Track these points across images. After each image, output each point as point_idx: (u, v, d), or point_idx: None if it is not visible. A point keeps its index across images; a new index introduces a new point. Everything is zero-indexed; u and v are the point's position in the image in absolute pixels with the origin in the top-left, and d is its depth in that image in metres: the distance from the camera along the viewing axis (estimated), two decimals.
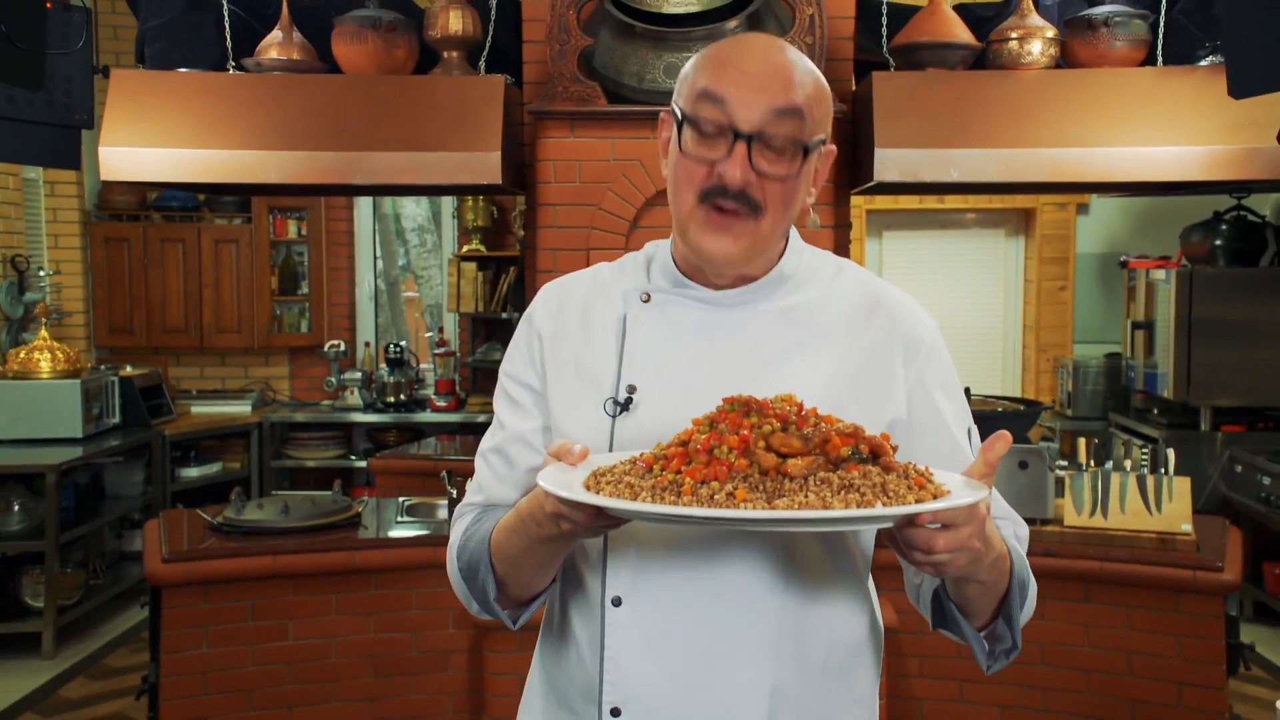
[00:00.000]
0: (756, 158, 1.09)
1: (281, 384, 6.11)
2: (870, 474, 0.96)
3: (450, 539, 1.26)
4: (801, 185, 1.14)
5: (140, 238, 5.69)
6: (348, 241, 6.17)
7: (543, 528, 1.07)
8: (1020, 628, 1.15)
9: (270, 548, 2.97)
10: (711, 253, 1.13)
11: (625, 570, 1.15)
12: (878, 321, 1.20)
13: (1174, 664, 2.82)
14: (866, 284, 1.24)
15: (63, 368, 4.72)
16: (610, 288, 1.25)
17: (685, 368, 1.16)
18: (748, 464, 0.96)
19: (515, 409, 1.25)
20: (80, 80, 2.93)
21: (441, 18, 3.13)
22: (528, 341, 1.26)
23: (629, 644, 1.14)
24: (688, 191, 1.13)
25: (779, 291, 1.20)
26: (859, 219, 5.90)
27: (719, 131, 1.10)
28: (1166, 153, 2.88)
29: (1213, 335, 4.64)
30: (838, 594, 1.19)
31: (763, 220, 1.12)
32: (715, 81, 1.10)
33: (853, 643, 1.21)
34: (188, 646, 2.94)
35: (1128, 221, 5.91)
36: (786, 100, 1.09)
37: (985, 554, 1.02)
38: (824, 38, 2.91)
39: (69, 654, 4.30)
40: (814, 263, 1.25)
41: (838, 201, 3.10)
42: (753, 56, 1.11)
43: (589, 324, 1.23)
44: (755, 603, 1.13)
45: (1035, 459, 3.06)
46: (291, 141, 2.99)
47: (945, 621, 1.18)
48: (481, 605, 1.21)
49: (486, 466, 1.27)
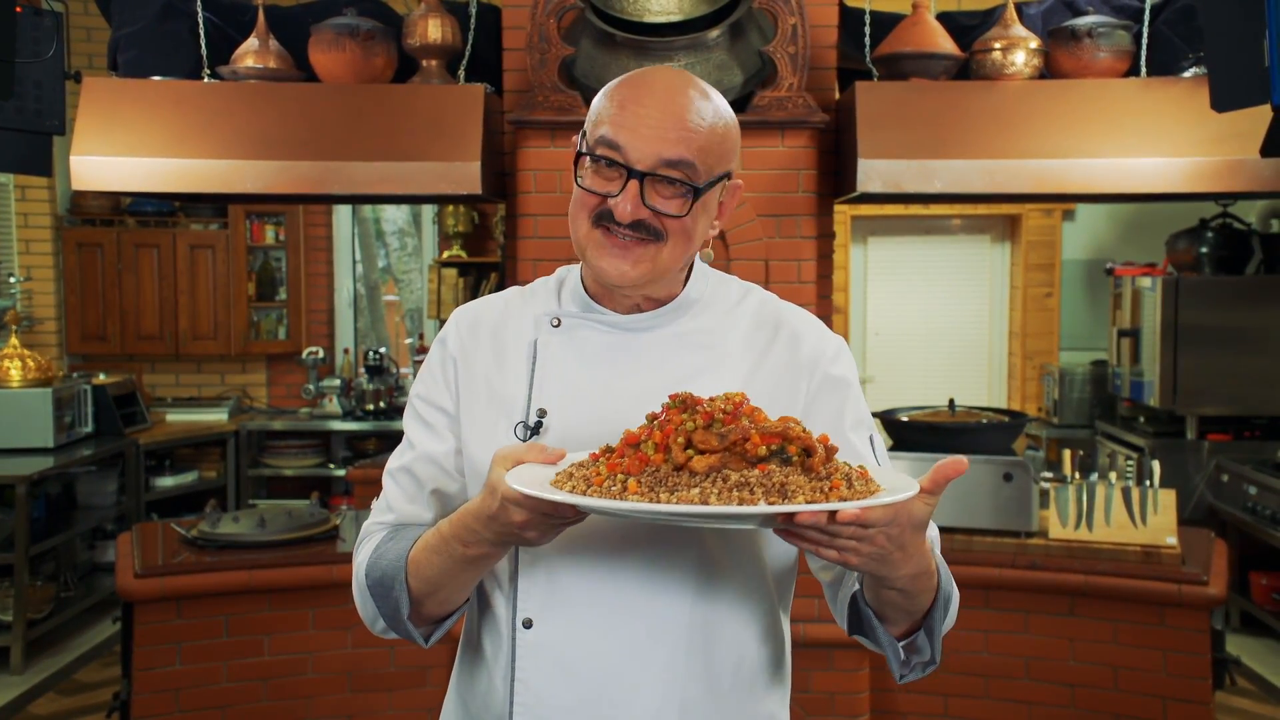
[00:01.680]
0: (649, 195, 1.14)
1: (259, 391, 6.04)
2: (774, 474, 0.96)
3: (357, 556, 1.28)
4: (700, 221, 1.18)
5: (114, 243, 5.61)
6: (326, 247, 6.10)
7: (469, 547, 1.10)
8: (940, 640, 1.16)
9: (246, 562, 2.92)
10: (610, 275, 1.16)
11: (535, 592, 1.17)
12: (780, 341, 1.24)
13: (1159, 678, 2.81)
14: (769, 306, 1.29)
15: (34, 376, 4.64)
16: (522, 312, 1.28)
17: (595, 391, 1.20)
18: (663, 458, 0.98)
19: (426, 430, 1.27)
20: (51, 86, 2.86)
21: (420, 26, 3.09)
22: (442, 365, 1.28)
23: (539, 666, 1.17)
24: (583, 217, 1.17)
25: (685, 315, 1.24)
26: (843, 225, 5.89)
27: (613, 166, 1.14)
28: (1150, 164, 2.87)
29: (1199, 343, 4.65)
30: (747, 611, 1.21)
31: (663, 247, 1.16)
32: (614, 126, 1.14)
33: (763, 659, 1.23)
34: (160, 663, 2.88)
35: (1114, 228, 5.92)
36: (676, 153, 1.13)
37: (900, 561, 1.03)
38: (807, 47, 2.89)
39: (38, 669, 4.22)
40: (720, 288, 1.28)
41: (820, 212, 3.07)
42: (652, 100, 1.14)
43: (501, 349, 1.26)
44: (664, 621, 1.16)
45: (1020, 471, 3.05)
46: (268, 151, 2.94)
47: (861, 627, 1.19)
48: (390, 623, 1.22)
49: (395, 485, 1.28)
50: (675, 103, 1.15)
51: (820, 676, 2.95)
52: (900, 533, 1.00)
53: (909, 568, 1.05)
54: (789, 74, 2.89)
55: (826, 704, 2.95)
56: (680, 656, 1.16)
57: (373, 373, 5.72)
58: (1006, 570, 2.94)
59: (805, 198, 2.97)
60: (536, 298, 1.29)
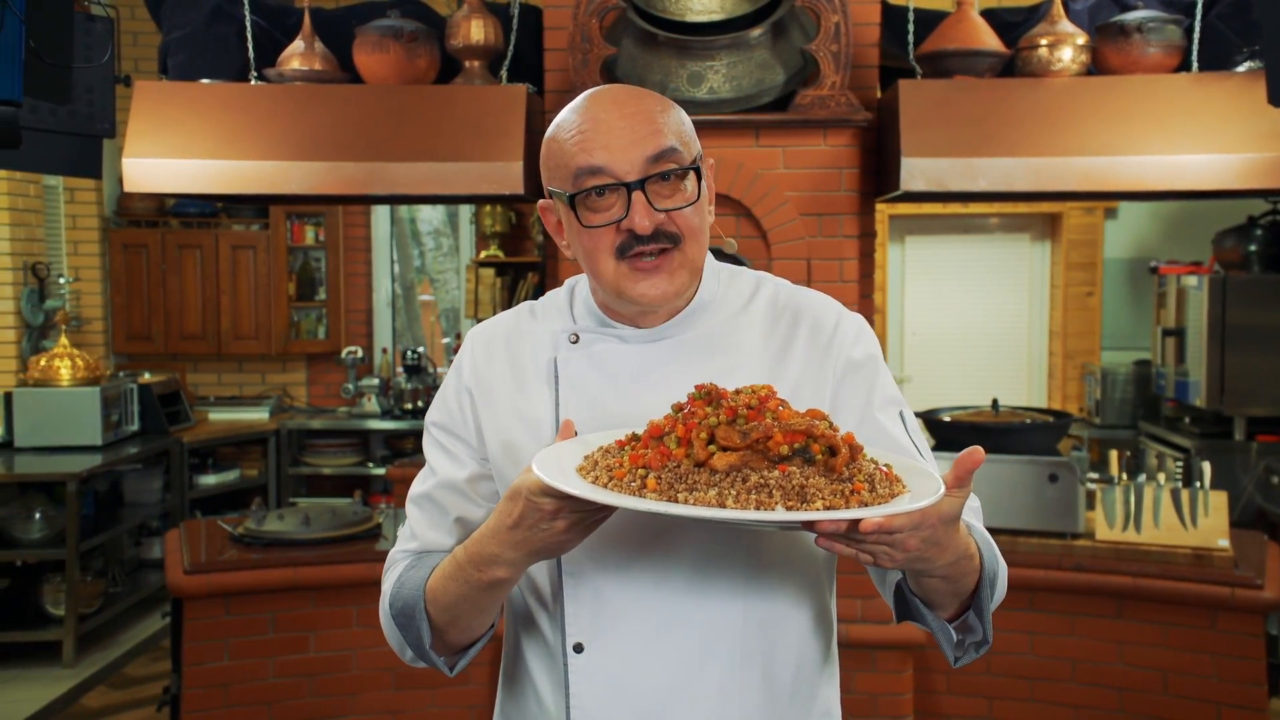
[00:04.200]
0: (654, 199, 1.12)
1: (299, 390, 6.11)
2: (793, 475, 0.94)
3: (383, 586, 1.25)
4: (705, 206, 1.18)
5: (158, 244, 5.70)
6: (365, 247, 6.16)
7: (484, 571, 1.08)
8: (990, 619, 1.14)
9: (291, 559, 2.96)
10: (652, 298, 1.15)
11: (583, 614, 1.15)
12: (800, 331, 1.22)
13: (1212, 684, 2.76)
14: (783, 296, 1.27)
15: (82, 375, 4.72)
16: (538, 330, 1.25)
17: (621, 405, 1.18)
18: (684, 453, 0.97)
19: (447, 456, 1.25)
20: (102, 90, 2.91)
21: (463, 27, 3.11)
22: (457, 395, 1.26)
23: (594, 690, 1.15)
24: (605, 257, 1.15)
25: (701, 320, 1.22)
26: (881, 224, 5.84)
27: (604, 194, 1.13)
28: (1201, 161, 2.82)
29: (1247, 342, 4.57)
30: (802, 607, 1.19)
31: (685, 249, 1.15)
32: (586, 155, 1.13)
33: (818, 660, 1.22)
34: (209, 658, 2.93)
35: (1157, 226, 5.83)
36: (657, 146, 1.12)
37: (935, 556, 1.02)
38: (849, 45, 2.87)
39: (89, 662, 4.30)
40: (732, 285, 1.27)
41: (863, 210, 3.05)
42: (607, 115, 1.14)
43: (520, 370, 1.24)
44: (717, 629, 1.14)
45: (1065, 472, 3.01)
46: (313, 152, 2.97)
47: (910, 613, 1.16)
48: (416, 653, 1.20)
49: (419, 512, 1.26)
50: (629, 106, 1.15)
51: (864, 678, 2.93)
52: (932, 533, 0.98)
53: (945, 558, 1.03)
54: (831, 72, 2.87)
55: (870, 705, 2.93)
56: (737, 664, 1.15)
57: (411, 372, 5.76)
58: (1052, 572, 2.90)
59: (847, 196, 2.96)
60: (549, 313, 1.27)
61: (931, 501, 0.94)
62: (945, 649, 1.16)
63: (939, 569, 1.04)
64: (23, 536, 4.35)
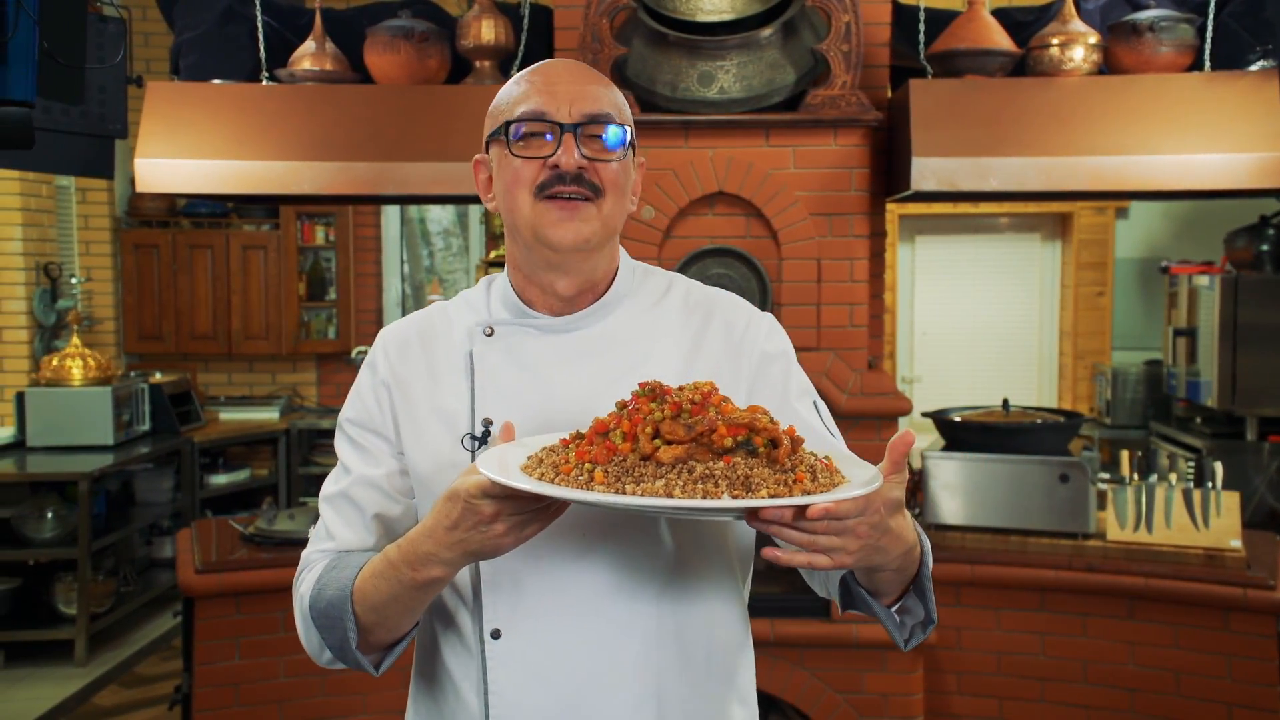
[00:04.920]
0: (584, 145, 1.16)
1: (309, 390, 6.13)
2: (738, 466, 0.96)
3: (299, 588, 1.23)
4: (628, 175, 1.21)
5: (169, 244, 5.72)
6: (375, 248, 6.17)
7: (419, 571, 1.08)
8: (932, 596, 1.15)
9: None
10: (563, 239, 1.16)
11: (502, 602, 1.16)
12: (713, 327, 1.25)
13: (1224, 684, 2.75)
14: (695, 294, 1.29)
15: (94, 375, 4.74)
16: (452, 325, 1.27)
17: (536, 395, 1.19)
18: (630, 448, 0.98)
19: (362, 454, 1.25)
20: (114, 90, 2.93)
21: (474, 27, 3.11)
22: (374, 391, 1.26)
23: (512, 675, 1.15)
24: (524, 192, 1.17)
25: (615, 313, 1.24)
26: (891, 224, 5.83)
27: (543, 132, 1.16)
28: (1213, 160, 2.81)
29: (1258, 342, 4.55)
30: (714, 595, 1.21)
31: (603, 203, 1.17)
32: (530, 100, 1.17)
33: (732, 641, 1.24)
34: (220, 657, 2.93)
35: (1169, 226, 5.81)
36: (597, 107, 1.17)
37: (889, 545, 1.02)
38: (860, 45, 2.87)
39: (101, 661, 4.31)
40: (646, 281, 1.29)
41: (873, 210, 3.04)
42: (556, 72, 1.20)
43: (434, 364, 1.24)
44: (633, 617, 1.15)
45: (1077, 472, 3.00)
46: (324, 152, 2.98)
47: (854, 603, 1.18)
48: (337, 654, 1.19)
49: (334, 512, 1.25)
50: (577, 70, 1.21)
51: (873, 678, 2.93)
52: (881, 519, 0.99)
53: (898, 548, 1.04)
54: (842, 72, 2.87)
55: (880, 705, 2.93)
56: (652, 649, 1.16)
57: None
58: (1063, 572, 2.90)
59: (858, 196, 2.95)
60: (465, 309, 1.27)
61: (874, 487, 0.96)
62: (894, 635, 1.17)
63: (893, 561, 1.05)
64: (35, 536, 4.37)
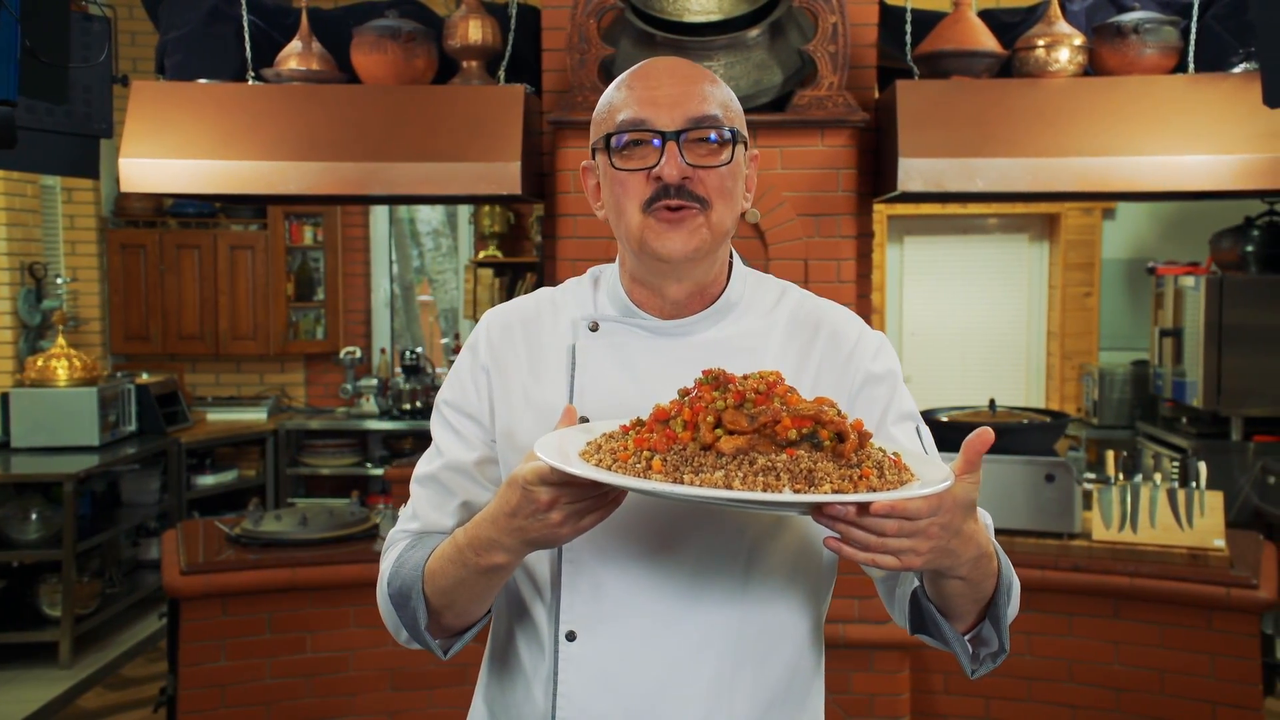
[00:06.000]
0: (687, 153, 1.14)
1: (297, 391, 6.11)
2: (801, 459, 0.93)
3: (381, 565, 1.24)
4: (738, 178, 1.18)
5: (156, 244, 5.70)
6: (363, 248, 6.16)
7: (482, 556, 1.07)
8: (1007, 628, 1.13)
9: (289, 560, 2.96)
10: (670, 252, 1.14)
11: (580, 604, 1.15)
12: (820, 341, 1.22)
13: (1207, 683, 2.77)
14: (807, 305, 1.27)
15: (80, 375, 4.72)
16: (557, 315, 1.24)
17: (636, 398, 1.16)
18: (691, 437, 0.96)
19: (456, 437, 1.24)
20: (99, 90, 2.91)
21: (461, 27, 3.11)
22: (473, 374, 1.24)
23: (584, 679, 1.14)
24: (631, 205, 1.15)
25: (726, 319, 1.21)
26: (880, 224, 5.85)
27: (640, 144, 1.14)
28: (1197, 161, 2.83)
29: (1244, 343, 4.58)
30: (799, 623, 1.19)
31: (710, 214, 1.15)
32: (627, 108, 1.15)
33: (807, 665, 1.21)
34: (206, 659, 2.92)
35: (1155, 227, 5.84)
36: (701, 110, 1.14)
37: (960, 549, 1.00)
38: (847, 45, 2.87)
39: (86, 663, 4.29)
40: (758, 289, 1.26)
41: (860, 211, 3.05)
42: (661, 76, 1.17)
43: (536, 354, 1.22)
44: (713, 628, 1.13)
45: (1062, 472, 3.02)
46: (311, 152, 2.98)
47: (924, 626, 1.15)
48: (411, 634, 1.20)
49: (423, 491, 1.25)
50: (683, 71, 1.18)
51: (860, 678, 2.94)
52: (951, 519, 0.96)
53: (969, 552, 1.02)
54: (829, 73, 2.87)
55: (866, 705, 2.94)
56: (728, 668, 1.13)
57: (409, 372, 5.76)
58: (1049, 572, 2.91)
59: (845, 197, 2.96)
60: (571, 300, 1.25)
61: (945, 486, 0.92)
62: (963, 661, 1.14)
63: (963, 565, 1.02)
64: (19, 537, 4.34)
